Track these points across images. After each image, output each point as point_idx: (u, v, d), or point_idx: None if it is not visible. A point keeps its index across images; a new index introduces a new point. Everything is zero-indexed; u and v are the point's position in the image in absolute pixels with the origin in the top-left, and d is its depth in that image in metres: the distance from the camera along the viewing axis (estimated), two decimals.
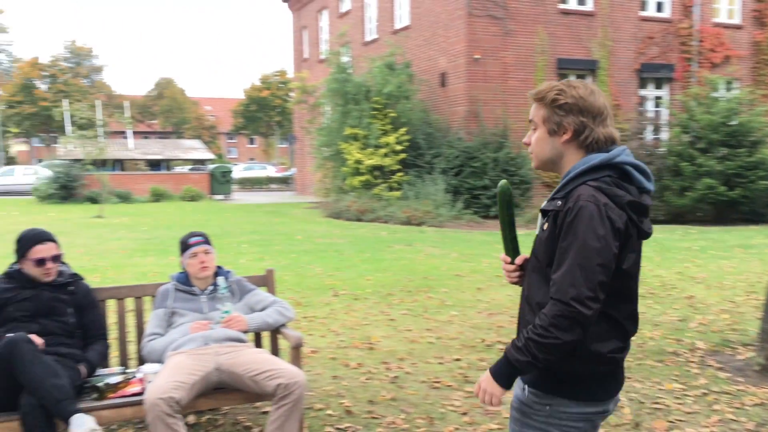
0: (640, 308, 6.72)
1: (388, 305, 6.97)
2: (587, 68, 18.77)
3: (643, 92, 19.65)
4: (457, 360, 5.05)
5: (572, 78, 18.59)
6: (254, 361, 3.20)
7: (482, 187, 16.97)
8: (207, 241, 3.60)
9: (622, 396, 4.21)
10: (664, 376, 4.62)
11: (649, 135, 18.45)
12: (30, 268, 3.30)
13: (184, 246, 3.58)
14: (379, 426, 3.80)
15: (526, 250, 2.12)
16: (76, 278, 3.51)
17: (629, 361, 4.94)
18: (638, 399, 4.21)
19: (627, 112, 18.64)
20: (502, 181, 2.13)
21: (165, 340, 3.39)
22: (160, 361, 3.35)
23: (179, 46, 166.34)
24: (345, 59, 21.39)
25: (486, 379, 1.91)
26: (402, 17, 21.55)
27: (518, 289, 5.25)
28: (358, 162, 18.33)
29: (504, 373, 1.87)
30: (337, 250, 11.21)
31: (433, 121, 18.89)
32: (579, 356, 1.83)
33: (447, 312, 6.66)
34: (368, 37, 23.77)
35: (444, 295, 7.45)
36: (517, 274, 2.13)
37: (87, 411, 3.00)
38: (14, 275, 3.32)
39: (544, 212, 1.94)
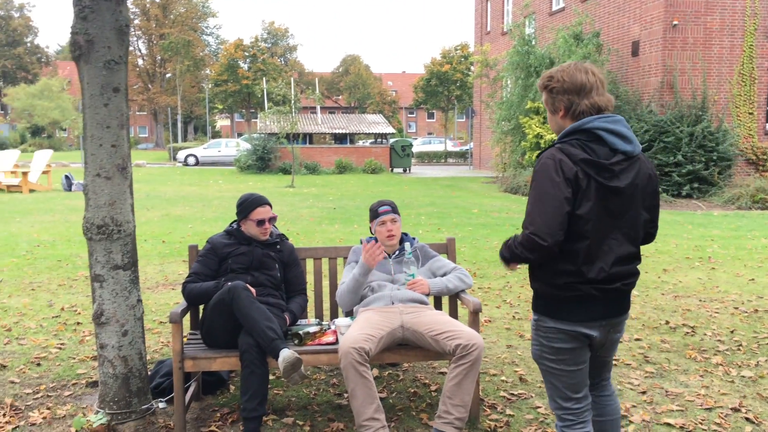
0: None
1: None
2: None
3: None
4: (638, 340, 4.91)
5: None
6: (436, 322, 3.41)
7: (674, 164, 15.83)
8: (394, 210, 3.85)
9: None
10: None
11: None
12: (251, 228, 3.78)
13: (374, 214, 3.86)
14: None
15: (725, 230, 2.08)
16: (282, 238, 3.96)
17: None
18: None
19: None
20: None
21: (347, 279, 3.69)
22: (347, 308, 3.70)
23: (365, 24, 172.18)
24: (529, 31, 20.88)
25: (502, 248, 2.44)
26: None
27: (710, 273, 5.19)
28: (539, 136, 17.94)
29: (503, 254, 2.42)
30: (513, 225, 11.18)
31: (621, 93, 17.90)
32: (545, 282, 2.33)
33: None
34: (555, 7, 22.93)
35: None
36: None
37: None
38: (234, 233, 3.82)
39: None
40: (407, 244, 3.72)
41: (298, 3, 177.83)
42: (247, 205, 3.76)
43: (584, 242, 2.24)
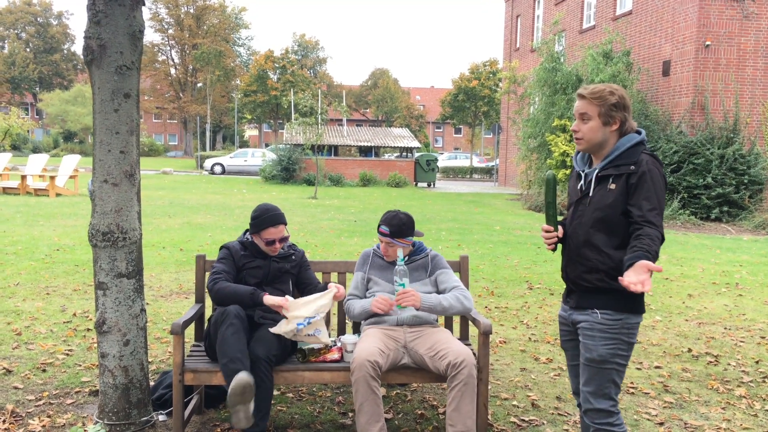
0: None
1: None
2: None
3: None
4: (658, 367, 4.73)
5: None
6: (435, 341, 3.29)
7: (703, 186, 15.48)
8: (393, 235, 3.55)
9: None
10: None
11: None
12: (261, 244, 3.68)
13: (378, 226, 3.71)
14: (566, 423, 3.70)
15: None
16: (293, 247, 3.85)
17: None
18: None
19: None
20: (549, 171, 2.86)
21: (360, 304, 3.56)
22: (354, 319, 3.59)
23: (396, 38, 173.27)
24: (558, 48, 20.72)
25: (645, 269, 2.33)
26: (624, 2, 20.33)
27: (737, 300, 5.08)
28: (565, 154, 17.71)
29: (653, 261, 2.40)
30: (535, 243, 10.99)
31: (651, 113, 17.61)
32: None
33: (650, 316, 6.24)
34: (585, 25, 22.77)
35: (649, 298, 6.98)
36: (554, 241, 2.79)
37: (292, 371, 3.34)
38: (248, 245, 3.71)
39: (605, 177, 2.57)
40: (400, 251, 3.44)
41: (330, 17, 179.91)
42: (260, 222, 3.62)
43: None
